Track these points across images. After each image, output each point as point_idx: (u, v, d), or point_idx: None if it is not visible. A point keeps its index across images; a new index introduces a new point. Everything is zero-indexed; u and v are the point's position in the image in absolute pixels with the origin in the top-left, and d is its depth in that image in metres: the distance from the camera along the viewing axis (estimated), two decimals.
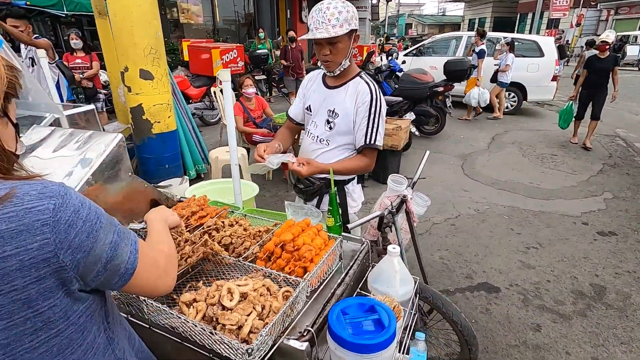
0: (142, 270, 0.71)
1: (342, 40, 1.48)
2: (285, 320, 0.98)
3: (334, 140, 1.68)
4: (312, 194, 1.81)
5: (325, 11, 1.43)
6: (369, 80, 1.63)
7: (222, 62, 6.57)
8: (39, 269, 0.55)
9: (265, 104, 4.64)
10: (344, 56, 1.54)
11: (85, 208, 0.62)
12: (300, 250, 1.17)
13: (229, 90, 1.58)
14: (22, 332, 0.56)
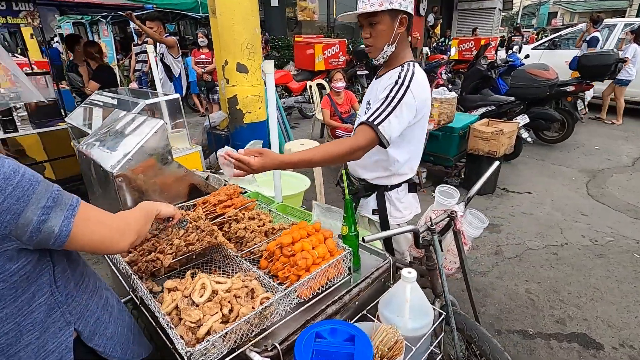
0: (81, 232, 0.75)
1: (382, 21, 1.33)
2: (252, 330, 0.91)
3: None
4: (353, 194, 1.66)
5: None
6: (410, 67, 1.36)
7: (324, 56, 6.71)
8: None
9: (355, 99, 4.55)
10: (386, 41, 1.36)
11: (18, 175, 0.67)
12: (295, 256, 1.08)
13: (272, 82, 1.56)
14: None
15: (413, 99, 1.31)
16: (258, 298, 0.97)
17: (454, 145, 4.05)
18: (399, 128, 1.32)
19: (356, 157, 1.33)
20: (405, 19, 1.35)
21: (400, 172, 1.56)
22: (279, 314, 0.97)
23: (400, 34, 1.36)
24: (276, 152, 1.24)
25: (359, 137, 1.30)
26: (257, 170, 1.17)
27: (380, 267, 1.22)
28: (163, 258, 1.09)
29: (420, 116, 1.41)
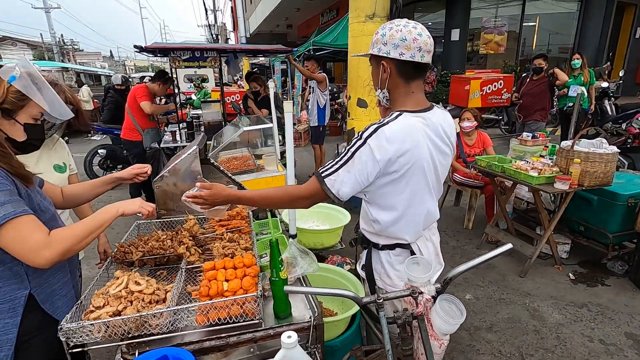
0: (4, 238, 0.97)
1: (372, 65, 1.29)
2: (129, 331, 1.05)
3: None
4: (361, 245, 1.50)
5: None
6: (387, 119, 1.20)
7: (482, 93, 6.10)
8: None
9: (489, 142, 3.96)
10: (376, 85, 1.30)
11: None
12: (204, 279, 1.16)
13: (290, 122, 1.66)
14: None
15: (370, 152, 1.14)
16: (156, 306, 1.10)
17: (615, 218, 2.96)
18: (351, 184, 1.18)
19: (300, 206, 1.28)
20: (387, 67, 1.21)
21: (386, 234, 1.34)
22: (165, 327, 1.07)
23: (386, 80, 1.24)
24: (226, 187, 1.32)
25: (303, 186, 1.25)
26: (211, 202, 1.26)
27: (294, 323, 1.13)
28: (135, 252, 1.37)
29: (397, 174, 1.19)
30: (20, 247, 0.99)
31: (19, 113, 1.11)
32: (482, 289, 2.95)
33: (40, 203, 1.13)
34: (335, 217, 2.29)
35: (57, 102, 1.16)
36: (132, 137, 4.33)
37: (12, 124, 1.10)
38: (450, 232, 3.96)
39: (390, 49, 1.19)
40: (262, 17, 18.15)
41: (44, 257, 1.01)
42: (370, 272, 1.42)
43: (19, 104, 1.10)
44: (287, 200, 1.28)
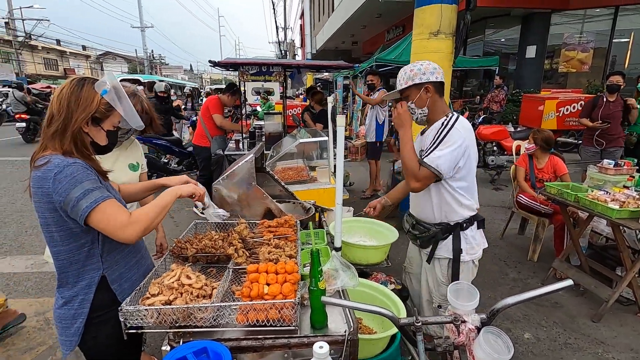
0: (94, 220, 1.13)
1: (411, 93, 1.73)
2: (176, 321, 1.14)
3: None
4: (427, 240, 1.83)
5: (398, 75, 1.79)
6: (450, 116, 1.71)
7: (558, 114, 5.60)
8: (48, 196, 1.15)
9: (562, 169, 3.59)
10: (419, 105, 1.74)
11: (68, 177, 1.11)
12: (247, 280, 1.22)
13: (342, 137, 1.68)
14: (49, 219, 1.19)
15: (454, 135, 1.63)
16: (202, 300, 1.18)
17: None
18: (446, 158, 1.62)
19: (411, 188, 1.74)
20: (430, 87, 1.69)
21: (468, 210, 1.77)
22: (208, 321, 1.14)
23: (427, 99, 1.71)
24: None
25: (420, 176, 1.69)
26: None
27: (329, 335, 1.13)
28: (189, 248, 1.49)
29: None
30: (112, 225, 1.15)
31: (104, 121, 1.28)
32: (544, 330, 2.66)
33: (115, 194, 1.30)
34: (382, 233, 2.24)
35: (133, 113, 1.32)
36: (201, 143, 4.71)
37: (98, 130, 1.28)
38: (511, 263, 3.65)
39: (429, 76, 1.68)
40: (329, 34, 18.73)
41: (129, 233, 1.17)
42: (458, 254, 1.75)
43: (107, 113, 1.27)
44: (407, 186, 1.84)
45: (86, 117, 1.19)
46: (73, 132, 1.17)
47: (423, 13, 3.74)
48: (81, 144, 1.20)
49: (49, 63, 35.02)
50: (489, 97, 8.76)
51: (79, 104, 1.18)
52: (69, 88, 1.19)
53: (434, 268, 1.86)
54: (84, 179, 1.14)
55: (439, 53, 3.70)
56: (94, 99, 1.20)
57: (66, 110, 1.17)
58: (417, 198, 1.88)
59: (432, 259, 1.84)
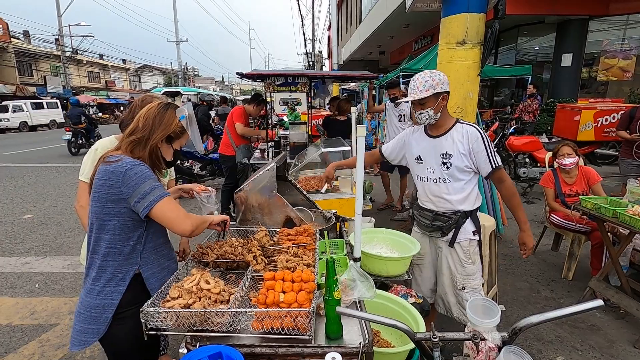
0: (159, 211, 1.28)
1: (428, 101, 1.90)
2: (194, 324, 1.17)
3: (453, 176, 1.98)
4: (449, 227, 2.03)
5: (415, 81, 1.92)
6: (467, 122, 1.99)
7: (596, 125, 5.32)
8: (116, 189, 1.26)
9: (595, 177, 3.42)
10: (436, 111, 1.93)
11: (138, 174, 1.27)
12: (263, 288, 1.23)
13: (362, 147, 1.68)
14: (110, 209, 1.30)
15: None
16: (219, 305, 1.21)
17: None
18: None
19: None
20: (446, 96, 1.93)
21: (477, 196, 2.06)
22: (225, 326, 1.16)
23: (443, 106, 1.94)
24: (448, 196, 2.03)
25: (506, 177, 1.98)
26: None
27: (343, 347, 1.12)
28: (210, 254, 1.53)
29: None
30: (175, 215, 1.32)
31: (176, 141, 1.47)
32: (579, 354, 2.49)
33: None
34: (404, 245, 2.20)
35: (198, 138, 1.53)
36: (227, 152, 4.84)
37: (168, 147, 1.46)
38: (543, 280, 3.46)
39: (446, 87, 1.91)
40: (356, 45, 18.88)
41: (187, 224, 1.34)
42: (479, 233, 2.03)
43: (180, 135, 1.46)
44: (514, 188, 2.03)
45: (164, 135, 1.40)
46: (152, 145, 1.37)
47: (450, 22, 3.70)
48: (155, 156, 1.40)
49: (92, 76, 37.38)
50: (521, 106, 8.47)
51: (161, 123, 1.38)
52: (156, 109, 1.40)
53: (455, 251, 2.05)
54: (151, 176, 1.32)
55: (466, 62, 3.64)
56: (173, 122, 1.41)
57: (150, 126, 1.37)
58: (445, 189, 2.01)
59: (454, 242, 2.03)
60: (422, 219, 2.14)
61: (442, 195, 2.02)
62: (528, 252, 2.03)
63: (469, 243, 2.03)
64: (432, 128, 2.04)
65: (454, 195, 1.99)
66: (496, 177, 1.96)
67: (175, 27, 33.60)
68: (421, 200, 2.16)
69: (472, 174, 2.00)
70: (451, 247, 2.04)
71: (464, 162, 1.94)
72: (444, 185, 2.00)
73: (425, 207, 2.12)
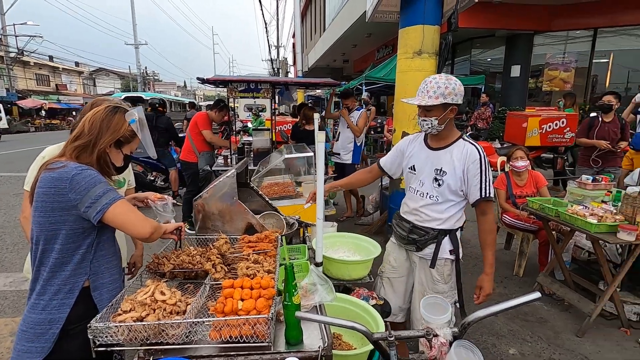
0: (114, 214, 1.23)
1: (435, 110, 1.74)
2: (147, 338, 1.12)
3: (443, 195, 1.83)
4: (425, 243, 1.91)
5: (427, 83, 1.75)
6: (472, 141, 1.83)
7: (541, 131, 5.75)
8: (62, 196, 1.20)
9: (542, 181, 3.70)
10: (442, 122, 1.76)
11: (87, 178, 1.21)
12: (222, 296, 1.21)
13: (322, 153, 1.71)
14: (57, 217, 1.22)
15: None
16: (175, 316, 1.17)
17: None
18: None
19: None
20: (455, 109, 1.77)
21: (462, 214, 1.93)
22: (181, 338, 1.13)
23: (450, 118, 1.77)
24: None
25: (490, 211, 1.81)
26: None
27: (302, 351, 1.12)
28: (166, 264, 1.48)
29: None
30: (132, 219, 1.28)
31: (125, 146, 1.42)
32: (529, 345, 2.65)
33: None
34: (366, 248, 2.25)
35: (150, 143, 1.48)
36: (189, 158, 4.71)
37: (117, 152, 1.41)
38: (497, 278, 3.65)
39: (459, 99, 1.72)
40: (321, 53, 19.13)
41: (147, 227, 1.31)
42: (457, 253, 1.89)
43: (129, 139, 1.41)
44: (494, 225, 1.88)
45: (113, 139, 1.35)
46: (100, 150, 1.32)
47: (407, 33, 3.86)
48: (103, 162, 1.35)
49: (41, 79, 34.91)
50: (475, 114, 8.96)
51: (109, 127, 1.34)
52: (103, 113, 1.35)
53: (429, 269, 1.92)
54: (102, 180, 1.27)
55: (423, 71, 3.81)
56: (122, 126, 1.37)
57: (98, 130, 1.32)
58: (429, 207, 1.87)
59: (435, 261, 1.89)
60: (399, 229, 2.02)
61: (425, 211, 1.88)
62: (481, 299, 1.86)
63: (444, 262, 1.90)
64: (432, 139, 1.89)
65: (437, 213, 1.85)
66: (481, 208, 1.80)
67: (134, 29, 32.30)
68: (403, 210, 2.04)
69: (461, 198, 1.84)
70: (431, 268, 1.91)
71: (457, 183, 1.79)
72: (430, 202, 1.86)
73: (405, 217, 2.00)
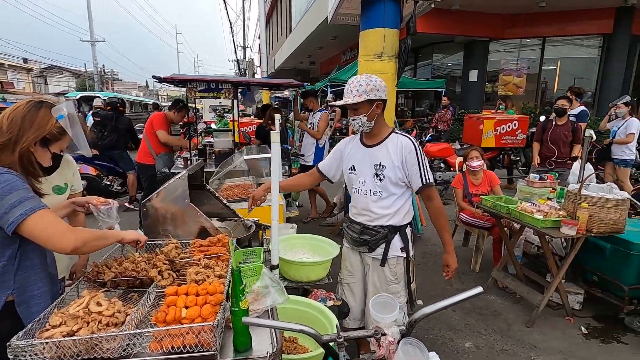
0: (30, 227, 1.12)
1: (362, 107, 1.79)
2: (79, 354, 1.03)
3: (386, 189, 1.87)
4: (377, 242, 1.91)
5: (350, 84, 1.82)
6: (404, 134, 1.90)
7: (496, 133, 6.04)
8: None
9: (496, 180, 3.88)
10: (370, 118, 1.81)
11: (2, 184, 1.10)
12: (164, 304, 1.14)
13: (278, 150, 1.68)
14: None
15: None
16: (112, 329, 1.09)
17: (631, 269, 2.77)
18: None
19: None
20: (381, 104, 1.82)
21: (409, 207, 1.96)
22: (117, 352, 1.05)
23: (377, 114, 1.82)
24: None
25: (435, 195, 1.89)
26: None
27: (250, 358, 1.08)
28: (107, 272, 1.38)
29: None
30: (49, 231, 1.14)
31: (53, 144, 1.30)
32: (484, 338, 2.76)
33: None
34: (325, 249, 2.24)
35: (84, 141, 1.35)
36: (145, 160, 4.50)
37: (44, 151, 1.29)
38: (456, 274, 3.75)
39: (382, 94, 1.79)
40: (287, 54, 19.06)
41: (70, 240, 1.16)
42: (407, 251, 1.92)
43: (58, 137, 1.30)
44: (442, 208, 1.93)
45: (38, 137, 1.24)
46: (22, 148, 1.21)
47: (367, 36, 3.92)
48: (27, 161, 1.23)
49: None
50: (436, 116, 9.28)
51: (32, 124, 1.23)
52: (24, 108, 1.25)
53: (381, 269, 1.93)
54: (20, 187, 1.14)
55: (383, 74, 3.87)
56: (48, 122, 1.26)
57: (19, 127, 1.21)
58: (375, 203, 1.88)
59: (385, 260, 1.90)
60: (350, 232, 2.01)
61: (372, 209, 1.89)
62: (450, 275, 1.95)
63: (396, 261, 1.91)
64: (367, 137, 1.93)
65: (384, 209, 1.87)
66: (425, 194, 1.87)
67: (90, 25, 30.49)
68: (351, 213, 2.04)
69: (404, 188, 1.89)
70: (382, 267, 1.92)
71: (397, 175, 1.83)
72: (375, 198, 1.88)
73: (355, 219, 1.99)
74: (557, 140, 4.67)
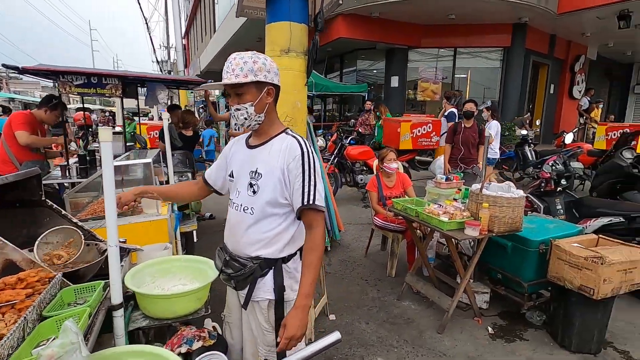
0: None
1: (248, 92, 1.35)
2: None
3: (258, 206, 1.40)
4: (244, 280, 1.45)
5: (231, 61, 1.34)
6: (297, 135, 1.44)
7: (412, 135, 6.18)
8: None
9: (408, 182, 3.84)
10: (259, 110, 1.37)
11: None
12: None
13: (109, 153, 1.27)
14: None
15: (318, 162, 1.42)
16: None
17: (529, 265, 2.82)
18: (322, 191, 1.40)
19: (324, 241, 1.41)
20: (272, 90, 1.39)
21: (297, 237, 1.47)
22: None
23: (268, 104, 1.39)
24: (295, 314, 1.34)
25: (316, 224, 1.37)
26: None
27: None
28: None
29: None
30: None
31: None
32: (395, 351, 2.59)
33: None
34: (205, 272, 1.81)
35: None
36: (5, 171, 3.63)
37: None
38: (371, 281, 3.63)
39: (274, 77, 1.37)
40: (212, 55, 18.16)
41: None
42: (282, 292, 1.44)
43: None
44: (320, 245, 1.38)
45: None
46: None
47: (274, 29, 3.61)
48: None
49: None
50: (360, 120, 9.38)
51: None
52: None
53: (255, 313, 1.49)
54: None
55: (292, 71, 3.59)
56: None
57: None
58: (242, 225, 1.43)
59: (248, 302, 1.46)
60: (217, 259, 1.58)
61: (240, 231, 1.44)
62: (282, 344, 1.28)
63: (268, 304, 1.46)
64: (254, 135, 1.49)
65: (255, 234, 1.41)
66: (306, 220, 1.38)
67: None
68: (225, 234, 1.57)
69: (285, 209, 1.41)
70: (244, 309, 1.50)
71: (275, 188, 1.37)
72: (245, 216, 1.42)
73: (225, 244, 1.56)
74: (467, 142, 4.86)
